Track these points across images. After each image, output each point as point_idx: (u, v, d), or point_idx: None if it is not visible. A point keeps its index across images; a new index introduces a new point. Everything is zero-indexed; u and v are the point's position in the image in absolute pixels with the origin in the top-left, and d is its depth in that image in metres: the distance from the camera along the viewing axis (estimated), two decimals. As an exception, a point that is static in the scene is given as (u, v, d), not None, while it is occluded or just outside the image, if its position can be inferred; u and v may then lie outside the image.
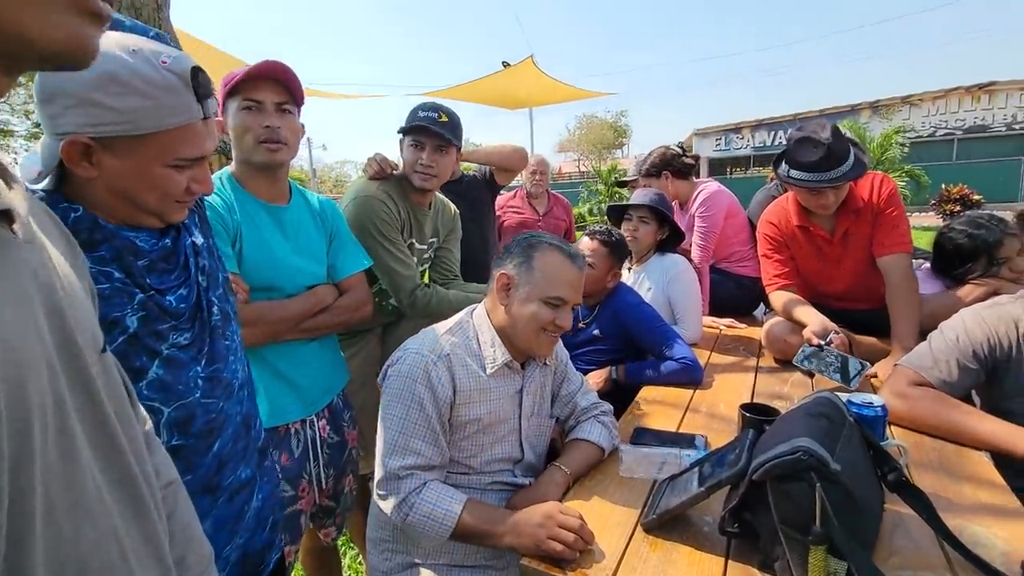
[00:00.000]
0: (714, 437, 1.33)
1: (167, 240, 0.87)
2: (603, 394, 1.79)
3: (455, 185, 2.49)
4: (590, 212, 16.27)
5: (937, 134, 18.49)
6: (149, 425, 0.64)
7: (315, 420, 1.33)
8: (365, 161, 1.80)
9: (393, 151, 1.84)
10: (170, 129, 0.76)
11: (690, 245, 2.56)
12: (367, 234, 1.61)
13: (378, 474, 1.12)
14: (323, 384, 1.36)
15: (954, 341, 1.35)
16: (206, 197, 1.06)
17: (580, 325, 2.00)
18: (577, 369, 1.95)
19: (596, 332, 1.95)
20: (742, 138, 21.39)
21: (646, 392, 1.69)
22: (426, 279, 1.88)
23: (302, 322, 1.26)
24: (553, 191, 3.58)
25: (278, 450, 1.24)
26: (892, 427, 1.34)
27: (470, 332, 1.23)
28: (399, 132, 1.72)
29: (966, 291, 1.83)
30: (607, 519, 1.05)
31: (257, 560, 0.98)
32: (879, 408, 1.16)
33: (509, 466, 1.25)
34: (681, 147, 2.72)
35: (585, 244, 1.92)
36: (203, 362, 0.88)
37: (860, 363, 1.55)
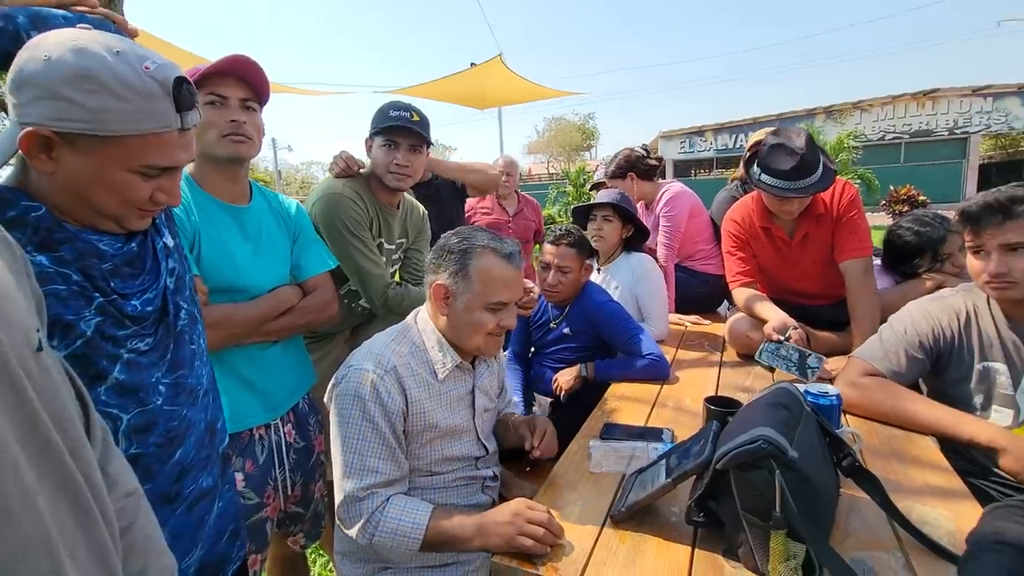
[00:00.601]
0: (681, 430, 1.36)
1: (133, 244, 0.84)
2: (573, 391, 1.82)
3: (425, 188, 2.47)
4: (559, 213, 16.42)
5: (886, 138, 19.43)
6: (107, 433, 0.61)
7: (280, 425, 1.30)
8: (331, 160, 1.77)
9: (361, 151, 1.82)
10: (140, 134, 0.74)
11: (656, 244, 2.62)
12: (336, 232, 1.58)
13: (338, 498, 1.09)
14: (287, 387, 1.33)
15: (902, 333, 1.42)
16: None
17: (551, 325, 2.02)
18: (547, 367, 2.00)
19: (566, 330, 1.97)
20: (705, 141, 21.96)
21: (615, 388, 1.72)
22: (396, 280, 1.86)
23: (266, 324, 1.23)
24: (523, 192, 3.61)
25: (242, 457, 1.21)
26: (846, 415, 1.41)
27: (416, 339, 1.21)
28: (372, 132, 1.69)
29: (914, 285, 1.93)
30: (577, 513, 1.06)
31: (214, 572, 0.95)
32: (834, 397, 1.21)
33: (471, 462, 1.26)
34: (645, 149, 2.77)
35: (552, 252, 1.91)
36: (166, 367, 0.85)
37: (817, 357, 1.62)
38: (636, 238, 2.28)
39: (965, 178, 18.34)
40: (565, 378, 1.84)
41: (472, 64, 6.88)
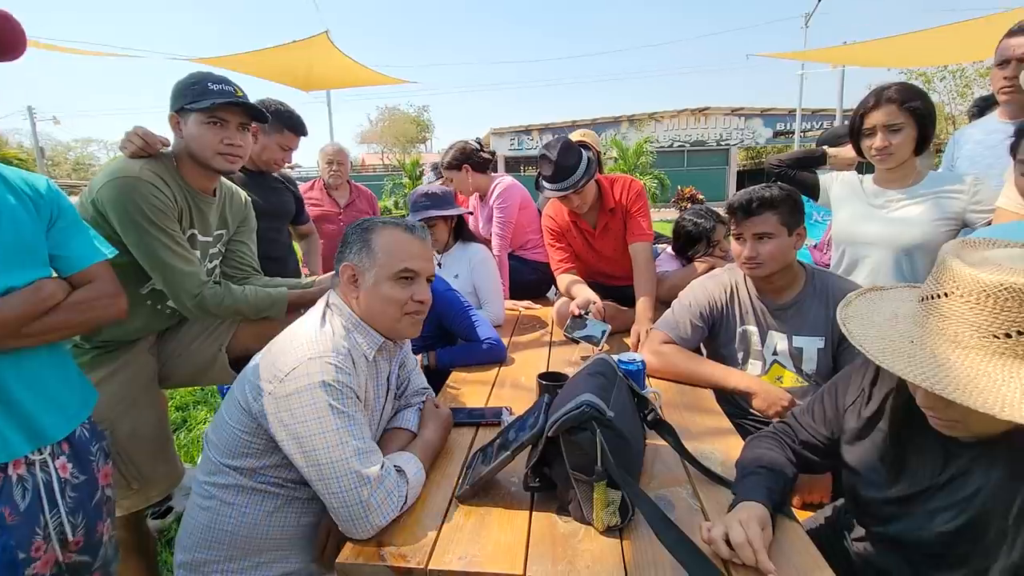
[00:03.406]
0: (519, 407, 1.45)
1: None
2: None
3: (260, 177, 2.24)
4: (395, 205, 16.04)
5: (674, 145, 23.13)
6: None
7: (49, 460, 1.04)
8: (123, 137, 1.46)
9: (155, 126, 1.53)
10: None
11: (490, 234, 2.74)
12: (133, 223, 1.32)
13: (360, 495, 0.96)
14: (62, 411, 1.07)
15: (687, 306, 1.73)
16: None
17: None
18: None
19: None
20: (532, 139, 23.48)
21: (456, 374, 1.77)
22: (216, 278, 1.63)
23: (25, 324, 0.98)
24: (357, 183, 3.44)
25: (-6, 503, 0.94)
26: (650, 378, 1.66)
27: (337, 324, 1.15)
28: (183, 107, 1.42)
29: (694, 267, 2.34)
30: (424, 499, 1.07)
31: None
32: (640, 363, 1.43)
33: None
34: (479, 142, 2.87)
35: None
36: None
37: (603, 327, 1.87)
38: (462, 225, 2.37)
39: (728, 182, 22.81)
40: (407, 369, 1.83)
41: (294, 40, 6.25)
